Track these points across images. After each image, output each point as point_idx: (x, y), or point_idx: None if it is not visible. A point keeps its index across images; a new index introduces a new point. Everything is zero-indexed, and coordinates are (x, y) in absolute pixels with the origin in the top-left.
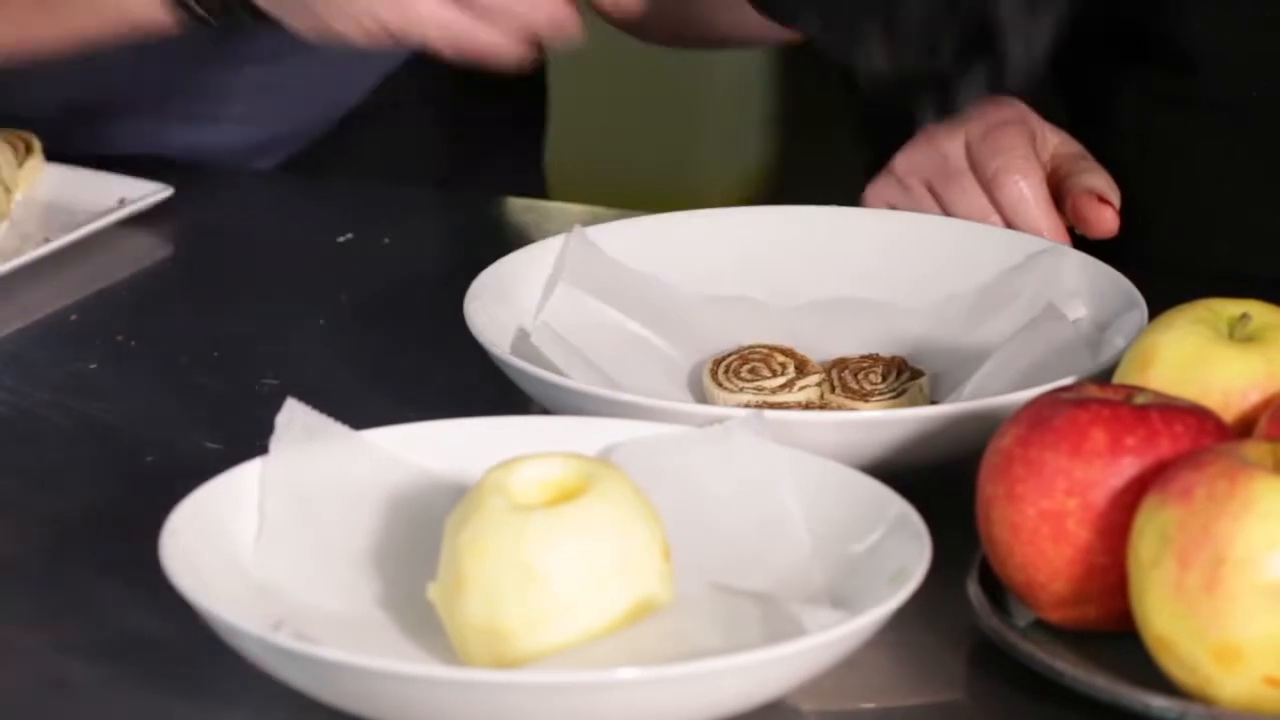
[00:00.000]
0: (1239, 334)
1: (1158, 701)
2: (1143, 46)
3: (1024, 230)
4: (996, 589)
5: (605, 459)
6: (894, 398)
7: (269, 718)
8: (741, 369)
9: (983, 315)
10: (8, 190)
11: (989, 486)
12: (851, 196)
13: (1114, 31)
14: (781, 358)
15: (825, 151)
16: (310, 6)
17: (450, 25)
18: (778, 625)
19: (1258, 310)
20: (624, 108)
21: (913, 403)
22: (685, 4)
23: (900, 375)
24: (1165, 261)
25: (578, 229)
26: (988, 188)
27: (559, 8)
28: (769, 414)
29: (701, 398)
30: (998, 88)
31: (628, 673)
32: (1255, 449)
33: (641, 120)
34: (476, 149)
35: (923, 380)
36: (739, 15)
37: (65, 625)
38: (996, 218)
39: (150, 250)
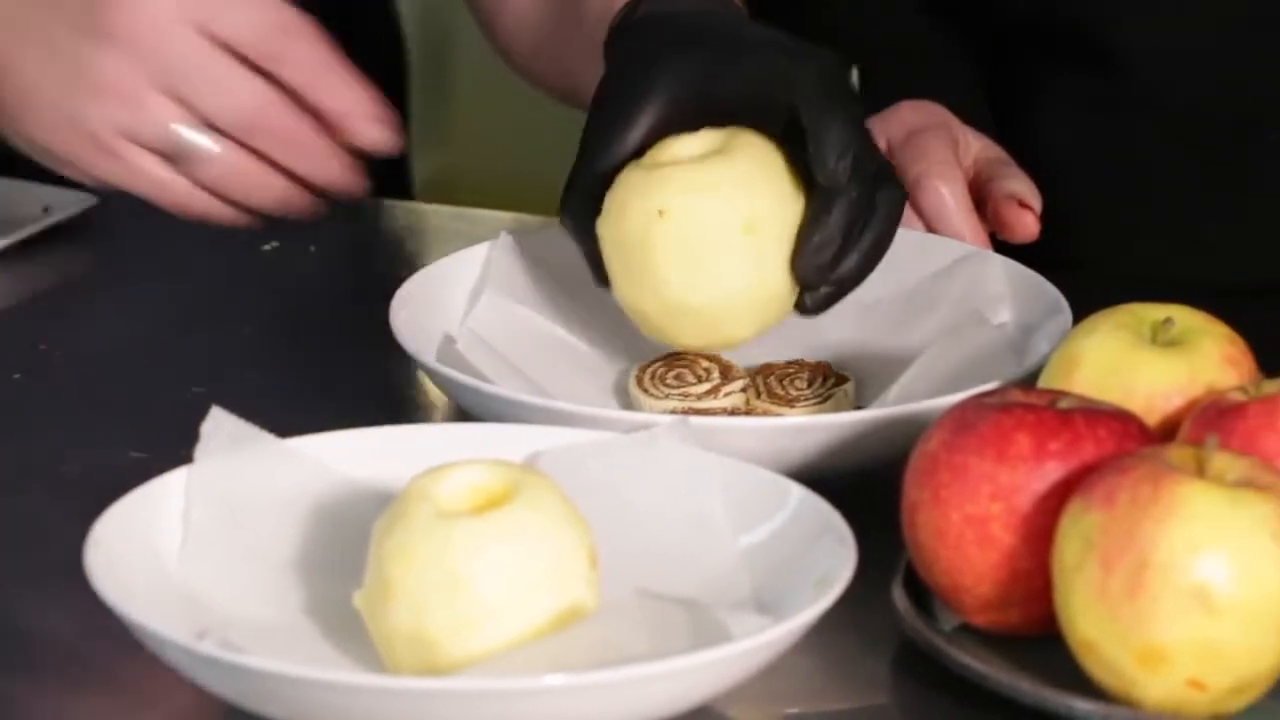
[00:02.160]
0: (1162, 339)
1: (1082, 705)
2: (1071, 48)
3: (945, 236)
4: (922, 593)
5: (531, 466)
6: (819, 403)
7: None
8: (667, 375)
9: (907, 320)
10: None
11: (914, 491)
12: None
13: (1041, 33)
14: (706, 364)
15: None
16: (14, 111)
17: (167, 187)
18: (704, 631)
19: (1181, 315)
20: (543, 112)
21: (838, 408)
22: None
23: (825, 381)
24: (1089, 266)
25: (504, 235)
26: (909, 193)
27: (292, 195)
28: (694, 420)
29: (628, 404)
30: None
31: (554, 679)
32: (1178, 453)
33: (563, 126)
34: None
35: (848, 386)
36: None
37: None
38: (918, 223)
39: (74, 259)
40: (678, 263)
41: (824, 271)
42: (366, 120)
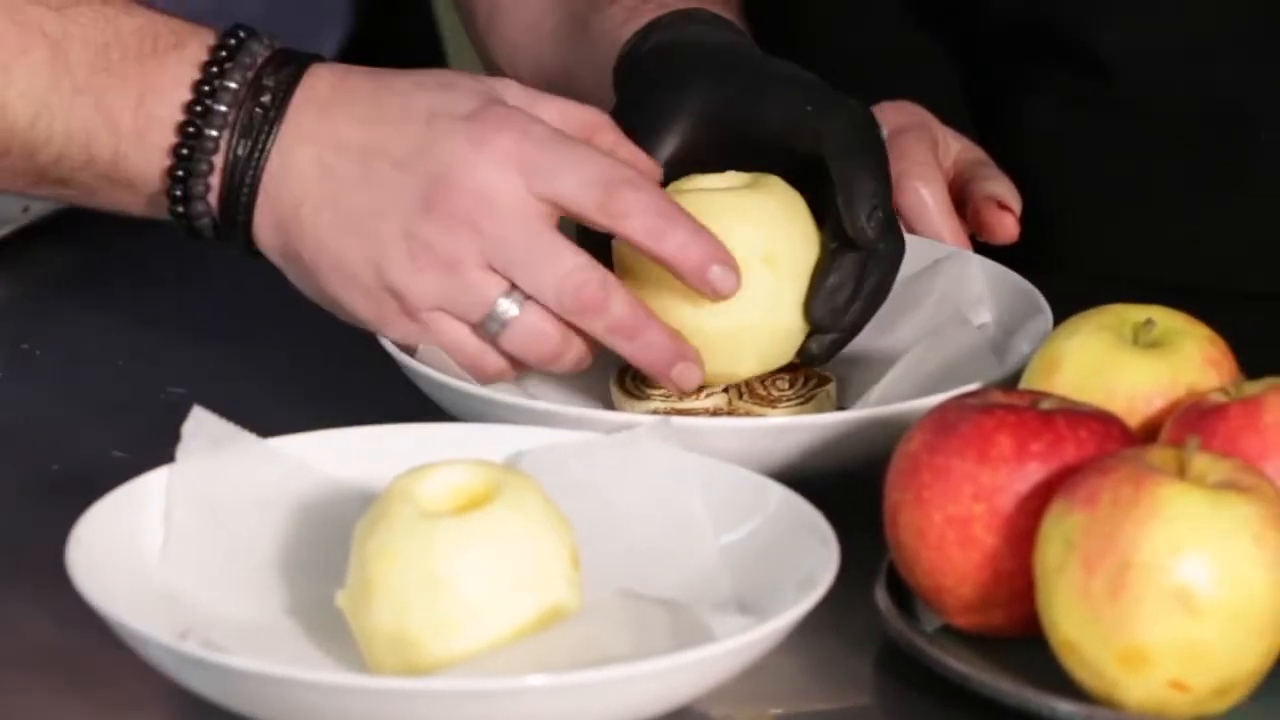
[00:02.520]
0: (1143, 340)
1: (1064, 706)
2: (1054, 49)
3: (925, 236)
4: (904, 594)
5: (513, 466)
6: (801, 404)
7: None
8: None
9: (888, 321)
10: None
11: (896, 492)
12: None
13: (1025, 34)
14: None
15: None
16: (314, 268)
17: (462, 348)
18: (686, 631)
19: (1162, 316)
20: None
21: (820, 409)
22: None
23: (807, 382)
24: (1070, 267)
25: None
26: None
27: (583, 353)
28: (676, 420)
29: (609, 405)
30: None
31: (536, 680)
32: (1159, 454)
33: None
34: None
35: (830, 387)
36: None
37: None
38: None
39: (55, 258)
40: None
41: (838, 314)
42: (712, 270)
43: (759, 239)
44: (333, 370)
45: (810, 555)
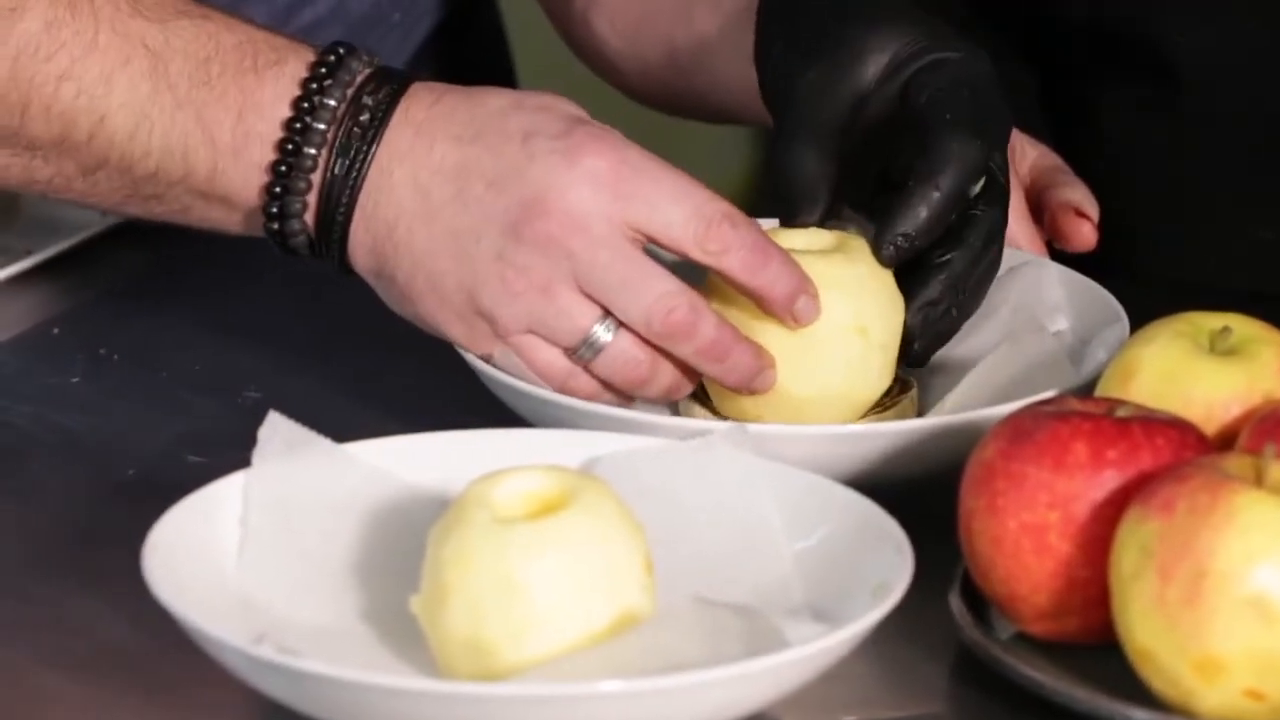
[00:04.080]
0: (1220, 347)
1: (1139, 714)
2: (1127, 57)
3: None
4: (978, 602)
5: (588, 472)
6: (883, 410)
7: None
8: None
9: (965, 328)
10: None
11: (971, 499)
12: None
13: (1099, 42)
14: None
15: None
16: (408, 289)
17: (551, 372)
18: (760, 638)
19: (1239, 323)
20: (604, 113)
21: (902, 415)
22: (682, 76)
23: (889, 389)
24: (1147, 274)
25: None
26: None
27: (674, 381)
28: (751, 427)
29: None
30: None
31: (610, 685)
32: (1236, 462)
33: (623, 128)
34: None
35: (912, 393)
36: (736, 97)
37: (45, 639)
38: None
39: (132, 263)
40: (788, 350)
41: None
42: (799, 300)
43: (852, 310)
44: (407, 375)
45: (884, 562)
